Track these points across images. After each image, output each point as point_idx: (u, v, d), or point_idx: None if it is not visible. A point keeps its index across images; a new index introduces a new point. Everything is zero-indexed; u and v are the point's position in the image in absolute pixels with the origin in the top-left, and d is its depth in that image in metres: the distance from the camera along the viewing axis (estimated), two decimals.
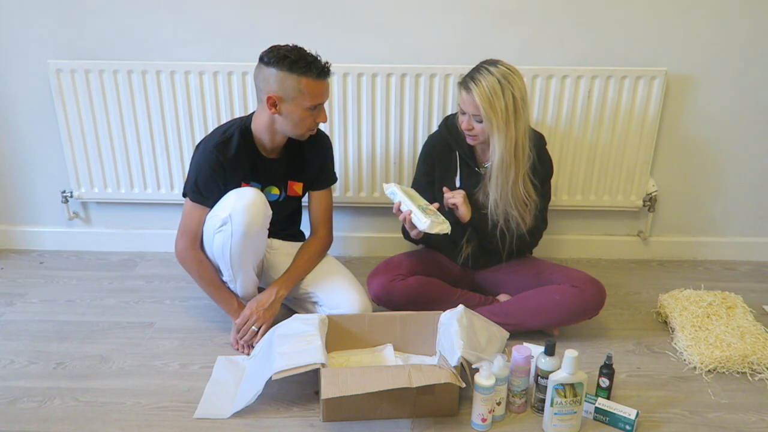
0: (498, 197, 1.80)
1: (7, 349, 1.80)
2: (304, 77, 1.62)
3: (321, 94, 1.67)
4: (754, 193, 2.36)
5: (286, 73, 1.62)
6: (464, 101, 1.73)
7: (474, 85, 1.69)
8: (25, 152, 2.32)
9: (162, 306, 2.05)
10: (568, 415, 1.46)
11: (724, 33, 2.12)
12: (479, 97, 1.68)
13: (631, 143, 2.22)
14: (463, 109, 1.75)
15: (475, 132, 1.76)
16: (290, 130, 1.72)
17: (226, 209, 1.67)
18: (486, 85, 1.68)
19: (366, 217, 2.41)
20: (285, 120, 1.69)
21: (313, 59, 1.63)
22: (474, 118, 1.73)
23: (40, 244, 2.46)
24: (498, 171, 1.76)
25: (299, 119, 1.68)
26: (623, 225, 2.43)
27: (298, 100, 1.64)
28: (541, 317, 1.83)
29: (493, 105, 1.68)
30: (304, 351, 1.52)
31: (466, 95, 1.72)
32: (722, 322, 1.86)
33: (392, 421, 1.52)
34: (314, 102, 1.66)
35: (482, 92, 1.68)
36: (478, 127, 1.74)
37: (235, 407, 1.54)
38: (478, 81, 1.69)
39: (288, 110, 1.67)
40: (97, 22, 2.12)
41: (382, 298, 1.85)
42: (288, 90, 1.63)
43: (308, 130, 1.73)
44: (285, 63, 1.61)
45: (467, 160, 1.88)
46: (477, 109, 1.70)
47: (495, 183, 1.78)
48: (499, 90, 1.68)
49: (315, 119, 1.71)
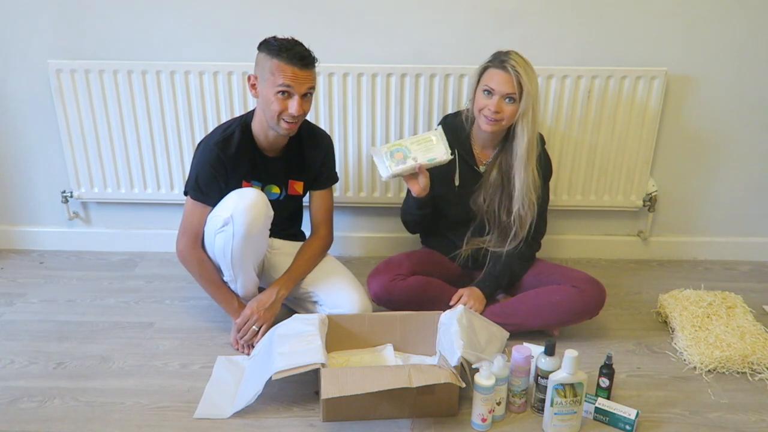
0: (522, 187, 1.79)
1: (7, 349, 1.80)
2: (276, 58, 1.63)
3: (289, 78, 1.64)
4: (754, 193, 2.36)
5: (264, 54, 1.66)
6: (500, 81, 1.70)
7: (515, 63, 1.69)
8: (25, 152, 2.32)
9: (162, 306, 2.05)
10: (568, 415, 1.46)
11: (724, 33, 2.12)
12: (523, 75, 1.68)
13: (631, 143, 2.22)
14: (494, 89, 1.71)
15: (503, 115, 1.73)
16: (266, 117, 1.71)
17: (227, 210, 1.67)
18: (524, 65, 1.70)
19: (366, 217, 2.41)
20: (260, 102, 1.71)
21: (291, 45, 1.64)
22: (507, 98, 1.72)
23: (40, 244, 2.46)
24: (524, 155, 1.76)
25: (268, 102, 1.67)
26: (623, 225, 2.43)
27: (270, 81, 1.65)
28: (541, 317, 1.83)
29: (531, 81, 1.70)
30: (304, 351, 1.52)
31: (505, 73, 1.70)
32: (722, 322, 1.86)
33: (392, 421, 1.52)
34: (280, 83, 1.63)
35: (523, 70, 1.69)
36: (509, 108, 1.72)
37: (235, 407, 1.54)
38: (515, 59, 1.70)
39: (262, 92, 1.68)
40: (97, 22, 2.12)
41: (382, 298, 1.85)
42: (263, 71, 1.66)
43: (280, 118, 1.69)
44: (264, 45, 1.67)
45: (466, 158, 1.88)
46: (517, 87, 1.69)
47: (521, 168, 1.78)
48: (531, 70, 1.71)
49: (286, 107, 1.67)
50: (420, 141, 1.76)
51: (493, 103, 1.72)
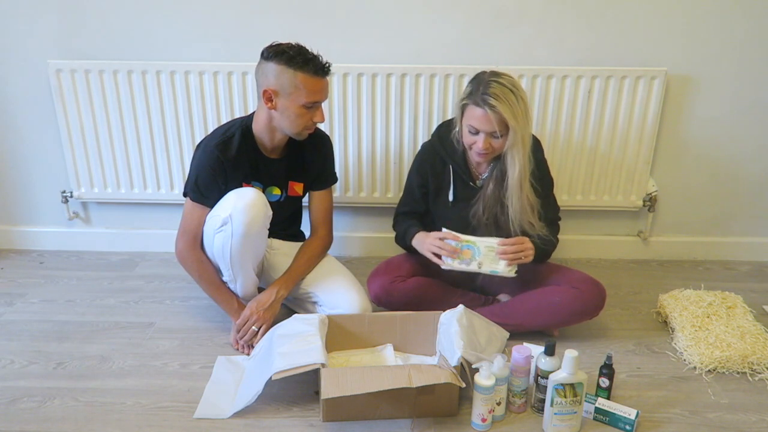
0: (517, 210, 1.76)
1: (7, 349, 1.80)
2: (301, 72, 1.61)
3: (317, 91, 1.66)
4: (754, 193, 2.36)
5: (284, 67, 1.62)
6: (482, 120, 1.63)
7: (495, 101, 1.60)
8: (25, 152, 2.32)
9: (162, 306, 2.05)
10: (568, 415, 1.46)
11: (724, 33, 2.12)
12: (506, 112, 1.60)
13: (631, 143, 2.22)
14: (477, 128, 1.66)
15: (492, 149, 1.69)
16: (287, 127, 1.71)
17: (226, 209, 1.67)
18: (505, 98, 1.61)
19: (366, 217, 2.41)
20: (281, 116, 1.69)
21: (312, 56, 1.63)
22: (492, 135, 1.67)
23: (40, 244, 2.46)
24: (517, 184, 1.72)
25: (295, 116, 1.67)
26: (623, 225, 2.43)
27: (294, 95, 1.64)
28: (541, 318, 1.83)
29: (516, 115, 1.62)
30: (304, 351, 1.52)
31: (486, 113, 1.62)
32: (722, 322, 1.86)
33: (392, 421, 1.52)
34: (310, 99, 1.65)
35: (505, 107, 1.61)
36: (498, 143, 1.68)
37: (236, 407, 1.54)
38: (496, 96, 1.61)
39: (284, 106, 1.66)
40: (97, 22, 2.12)
41: (382, 299, 1.85)
42: (284, 84, 1.63)
43: (305, 128, 1.72)
44: (283, 57, 1.62)
45: (461, 174, 1.85)
46: (499, 125, 1.63)
47: (514, 197, 1.74)
48: (513, 99, 1.62)
49: (311, 118, 1.70)
50: (492, 248, 1.73)
51: (480, 140, 1.67)
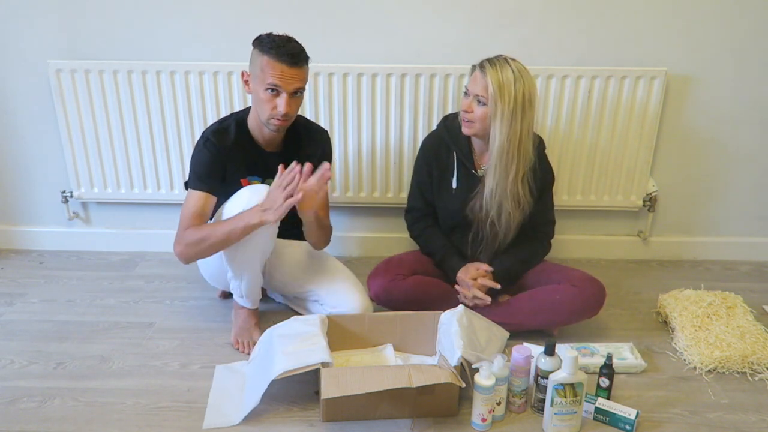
0: (494, 187, 1.79)
1: (7, 349, 1.80)
2: (266, 55, 1.63)
3: (278, 76, 1.63)
4: (754, 193, 2.36)
5: (257, 51, 1.67)
6: (474, 81, 1.73)
7: (490, 66, 1.70)
8: (25, 152, 2.32)
9: (162, 306, 2.05)
10: (568, 415, 1.46)
11: (724, 33, 2.12)
12: (492, 78, 1.68)
13: (631, 143, 2.22)
14: (469, 89, 1.74)
15: (473, 116, 1.74)
16: (259, 114, 1.72)
17: (240, 205, 1.66)
18: (501, 71, 1.69)
19: (365, 217, 2.41)
20: (254, 101, 1.72)
21: (283, 42, 1.64)
22: (478, 99, 1.72)
23: (40, 244, 2.46)
24: (497, 161, 1.75)
25: (260, 100, 1.68)
26: (623, 225, 2.43)
27: (260, 78, 1.66)
28: (541, 317, 1.83)
29: (502, 90, 1.68)
30: (309, 350, 1.52)
31: (478, 75, 1.72)
32: (722, 322, 1.86)
33: (392, 421, 1.52)
34: (270, 81, 1.63)
35: (496, 75, 1.68)
36: (479, 111, 1.73)
37: (244, 411, 1.53)
38: (495, 65, 1.70)
39: (254, 89, 1.69)
40: (97, 22, 2.12)
41: (382, 298, 1.85)
42: (255, 67, 1.67)
43: (270, 116, 1.69)
44: (257, 41, 1.67)
45: (464, 161, 1.87)
46: (485, 90, 1.70)
47: (493, 173, 1.77)
48: (512, 79, 1.69)
49: (272, 105, 1.67)
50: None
51: (467, 101, 1.75)
